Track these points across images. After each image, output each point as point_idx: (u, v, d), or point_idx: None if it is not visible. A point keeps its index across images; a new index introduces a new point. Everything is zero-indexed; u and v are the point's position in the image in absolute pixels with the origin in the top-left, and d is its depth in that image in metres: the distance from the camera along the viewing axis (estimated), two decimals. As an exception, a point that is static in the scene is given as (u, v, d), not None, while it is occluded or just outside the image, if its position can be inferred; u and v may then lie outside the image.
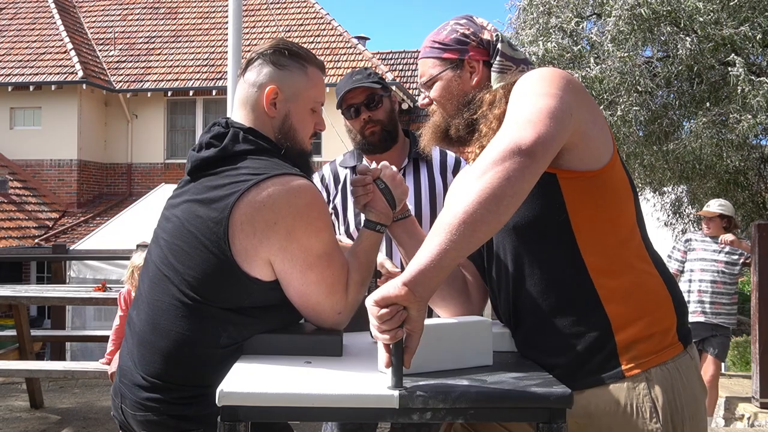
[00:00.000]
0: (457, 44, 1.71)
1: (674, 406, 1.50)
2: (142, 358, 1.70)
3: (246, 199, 1.60)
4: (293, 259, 1.62)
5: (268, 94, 1.75)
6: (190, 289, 1.65)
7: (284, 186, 1.61)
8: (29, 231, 15.38)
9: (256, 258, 1.62)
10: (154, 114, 17.64)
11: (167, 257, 1.70)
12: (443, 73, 1.71)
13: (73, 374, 5.32)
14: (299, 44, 1.85)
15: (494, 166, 1.33)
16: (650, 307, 1.54)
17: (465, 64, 1.70)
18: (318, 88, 1.81)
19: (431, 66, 1.74)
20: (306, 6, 18.80)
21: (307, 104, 1.79)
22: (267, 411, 1.36)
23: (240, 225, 1.60)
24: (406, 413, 1.34)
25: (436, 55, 1.73)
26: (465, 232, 1.30)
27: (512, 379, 1.44)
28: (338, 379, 1.45)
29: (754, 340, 5.56)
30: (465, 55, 1.70)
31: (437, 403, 1.33)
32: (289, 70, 1.77)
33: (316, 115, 1.83)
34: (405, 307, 1.30)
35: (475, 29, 1.72)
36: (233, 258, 1.61)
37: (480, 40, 1.71)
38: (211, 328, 1.64)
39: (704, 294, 5.76)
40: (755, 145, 8.48)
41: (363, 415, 1.40)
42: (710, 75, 7.84)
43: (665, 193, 10.00)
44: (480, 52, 1.70)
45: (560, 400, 1.34)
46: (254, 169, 1.65)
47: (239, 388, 1.35)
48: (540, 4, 8.61)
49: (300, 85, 1.77)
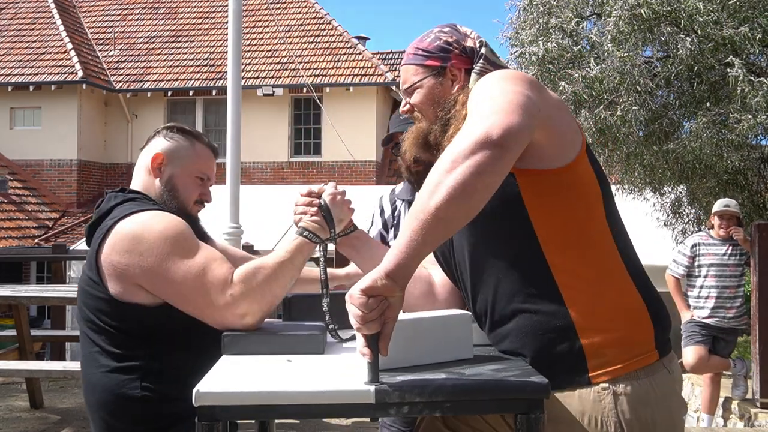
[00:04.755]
0: (439, 52, 1.70)
1: (645, 422, 1.45)
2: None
3: (108, 237, 1.85)
4: (160, 278, 1.79)
5: (154, 158, 2.03)
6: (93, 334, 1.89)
7: (141, 217, 1.86)
8: (29, 231, 15.38)
9: (128, 284, 1.82)
10: (154, 114, 17.64)
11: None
12: (425, 80, 1.70)
13: (73, 374, 5.32)
14: (196, 129, 2.16)
15: (464, 159, 1.31)
16: (619, 314, 1.49)
17: (447, 71, 1.69)
18: (203, 162, 2.08)
19: (413, 73, 1.73)
20: (306, 6, 18.80)
21: (192, 173, 2.05)
22: (244, 410, 1.36)
23: (107, 259, 1.83)
24: (383, 408, 1.35)
25: (418, 62, 1.72)
26: (438, 225, 1.31)
27: (490, 371, 1.44)
28: (316, 376, 1.46)
29: (754, 340, 5.56)
30: (447, 63, 1.69)
31: (413, 397, 1.33)
32: (176, 141, 2.06)
33: (203, 186, 2.09)
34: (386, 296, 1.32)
35: (458, 37, 1.71)
36: (110, 292, 1.83)
37: (463, 47, 1.70)
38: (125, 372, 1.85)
39: (719, 300, 5.67)
40: (755, 145, 8.47)
41: (340, 411, 1.41)
42: (710, 75, 7.83)
43: (665, 193, 9.99)
44: (462, 60, 1.70)
45: (537, 390, 1.34)
46: (119, 212, 1.92)
47: (215, 388, 1.35)
48: (540, 4, 8.60)
49: (184, 154, 2.05)
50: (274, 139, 16.96)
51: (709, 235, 5.83)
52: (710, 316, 5.66)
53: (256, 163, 16.73)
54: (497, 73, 1.55)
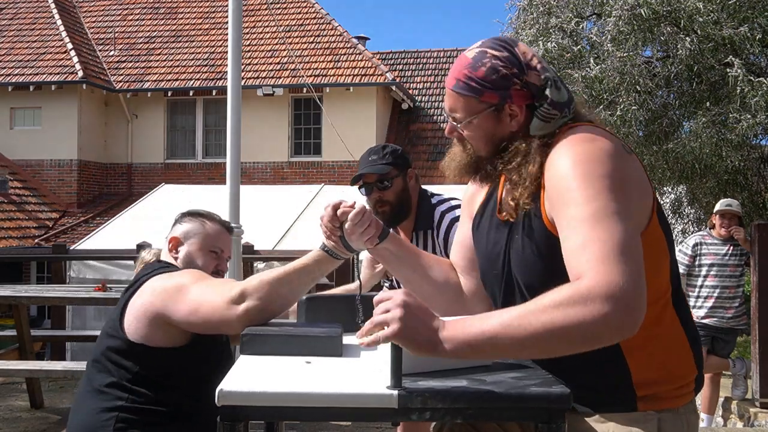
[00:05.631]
0: (498, 86, 1.53)
1: None
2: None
3: (140, 288, 2.09)
4: (179, 292, 1.98)
5: (170, 242, 2.31)
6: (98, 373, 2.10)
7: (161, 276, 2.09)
8: (29, 231, 15.38)
9: (145, 322, 2.04)
10: (154, 114, 17.64)
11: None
12: (480, 115, 1.56)
13: (73, 374, 5.32)
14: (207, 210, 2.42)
15: (581, 305, 1.27)
16: (672, 359, 1.54)
17: (505, 107, 1.55)
18: (215, 238, 2.32)
19: (465, 105, 1.56)
20: (306, 6, 18.80)
21: (206, 248, 2.30)
22: (266, 411, 1.36)
23: (134, 301, 2.08)
24: (406, 413, 1.34)
25: (472, 94, 1.55)
26: (514, 348, 1.31)
27: (511, 379, 1.43)
28: (337, 379, 1.45)
29: (754, 340, 5.56)
30: (506, 100, 1.54)
31: (436, 403, 1.33)
32: (187, 223, 2.32)
33: (219, 258, 2.32)
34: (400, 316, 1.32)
35: (518, 68, 1.53)
36: (125, 330, 2.07)
37: (525, 83, 1.53)
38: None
39: (719, 300, 5.65)
40: (755, 145, 8.48)
41: (362, 415, 1.41)
42: (710, 75, 7.84)
43: (665, 192, 10.00)
44: (523, 95, 1.54)
45: (559, 399, 1.34)
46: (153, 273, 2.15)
47: (239, 388, 1.35)
48: (540, 4, 8.61)
49: (196, 233, 2.30)
50: (274, 139, 16.95)
51: (710, 234, 5.82)
52: (708, 316, 5.65)
53: (256, 163, 16.73)
54: (581, 160, 1.44)
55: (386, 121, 18.03)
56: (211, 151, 17.50)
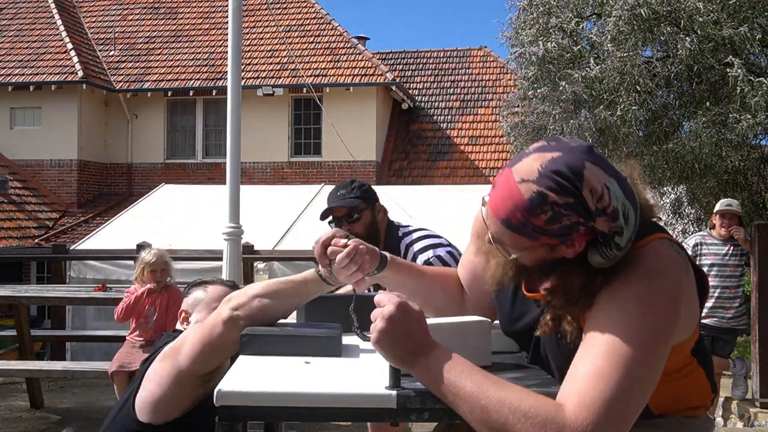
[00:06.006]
0: (558, 234, 1.36)
1: None
2: None
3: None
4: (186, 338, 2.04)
5: (179, 314, 2.43)
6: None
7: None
8: (29, 231, 15.38)
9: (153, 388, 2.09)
10: (154, 114, 17.64)
11: None
12: (533, 250, 1.41)
13: (73, 374, 5.33)
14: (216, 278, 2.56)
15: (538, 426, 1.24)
16: (692, 395, 1.58)
17: (564, 246, 1.38)
18: (218, 298, 2.32)
19: (516, 242, 1.40)
20: (306, 6, 18.80)
21: (210, 308, 2.31)
22: (265, 411, 1.36)
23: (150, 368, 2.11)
24: (404, 413, 1.35)
25: (528, 236, 1.37)
26: (464, 413, 1.29)
27: (510, 379, 1.43)
28: (336, 380, 1.46)
29: (754, 340, 5.56)
30: (567, 242, 1.37)
31: (435, 403, 1.33)
32: (192, 293, 2.44)
33: None
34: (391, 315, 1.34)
35: (584, 216, 1.33)
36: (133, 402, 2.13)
37: (591, 228, 1.35)
38: None
39: (719, 300, 5.66)
40: (755, 145, 8.48)
41: (361, 415, 1.41)
42: (710, 75, 7.84)
43: (665, 192, 9.99)
44: (587, 234, 1.36)
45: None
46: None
47: (237, 388, 1.35)
48: (540, 4, 8.61)
49: (200, 300, 2.40)
50: (274, 139, 16.95)
51: (710, 234, 5.81)
52: (709, 316, 5.65)
53: (256, 163, 16.72)
54: (640, 302, 1.33)
55: (386, 121, 18.03)
56: (211, 151, 17.50)
